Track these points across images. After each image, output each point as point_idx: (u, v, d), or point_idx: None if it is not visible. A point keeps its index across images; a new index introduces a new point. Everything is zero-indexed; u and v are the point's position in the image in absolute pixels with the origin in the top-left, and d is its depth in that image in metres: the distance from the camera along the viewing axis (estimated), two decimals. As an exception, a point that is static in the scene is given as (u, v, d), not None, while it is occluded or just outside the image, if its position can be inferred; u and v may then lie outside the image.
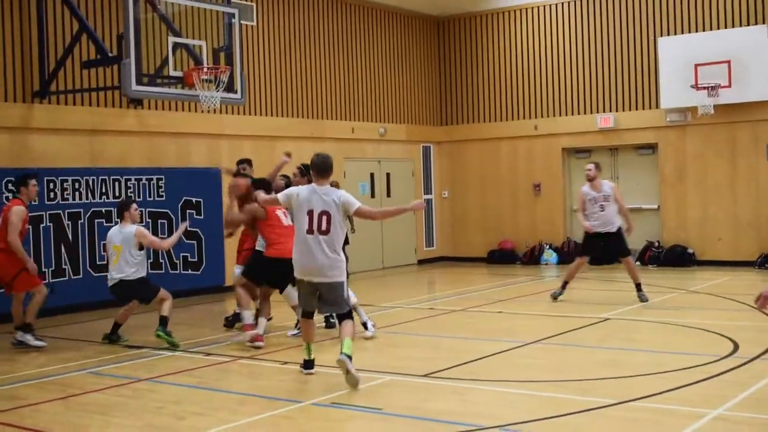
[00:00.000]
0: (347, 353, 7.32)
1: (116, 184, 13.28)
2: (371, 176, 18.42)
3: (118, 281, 9.71)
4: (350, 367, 7.27)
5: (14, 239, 9.69)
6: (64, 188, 12.63)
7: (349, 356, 7.31)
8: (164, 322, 9.66)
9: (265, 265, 9.62)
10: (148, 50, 11.46)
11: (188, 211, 14.08)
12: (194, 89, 11.52)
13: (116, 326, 10.05)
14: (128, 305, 10.03)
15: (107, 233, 10.10)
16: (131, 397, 7.41)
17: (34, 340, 9.85)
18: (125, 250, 9.67)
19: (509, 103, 19.32)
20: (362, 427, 6.43)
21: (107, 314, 11.14)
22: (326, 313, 9.24)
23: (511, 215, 19.25)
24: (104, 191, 13.12)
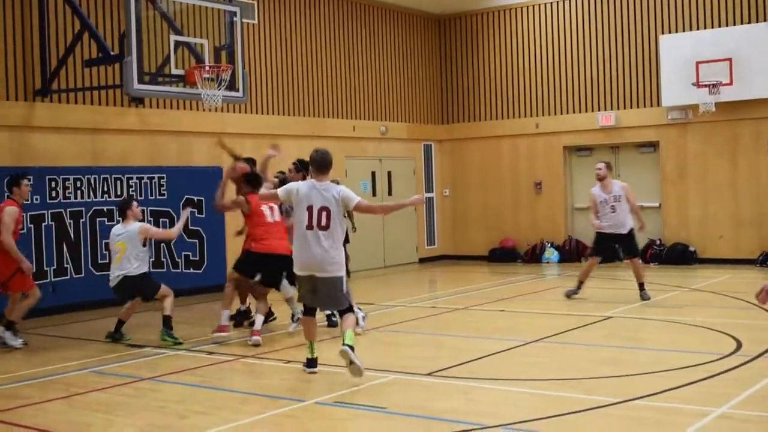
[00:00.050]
0: (349, 344, 7.43)
1: (118, 182, 13.28)
2: (372, 175, 18.41)
3: (121, 277, 9.72)
4: (353, 357, 7.36)
5: (8, 240, 9.65)
6: (65, 187, 12.63)
7: (351, 347, 7.41)
8: (168, 323, 9.72)
9: (253, 260, 9.90)
10: (149, 49, 11.43)
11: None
12: (196, 88, 11.49)
13: (120, 324, 10.06)
14: (131, 303, 10.05)
15: (110, 231, 10.12)
16: (134, 396, 7.40)
17: (12, 338, 9.82)
18: (130, 247, 9.72)
19: (510, 101, 19.30)
20: (366, 426, 6.42)
21: (109, 313, 11.15)
22: (326, 309, 9.25)
23: (512, 213, 19.24)
24: (106, 190, 13.11)
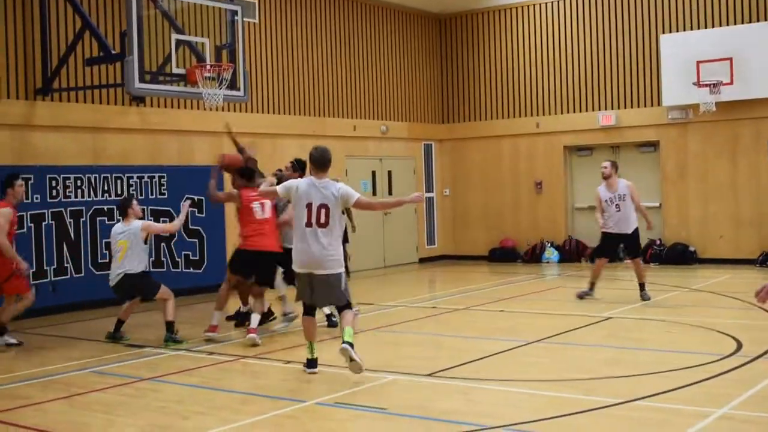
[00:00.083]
0: (349, 341, 7.46)
1: (118, 181, 13.26)
2: (373, 174, 18.40)
3: (122, 275, 9.71)
4: (353, 354, 7.40)
5: (3, 241, 9.60)
6: (66, 186, 12.61)
7: (351, 344, 7.44)
8: (171, 328, 9.74)
9: (242, 258, 9.97)
10: (150, 47, 11.42)
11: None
12: (197, 87, 11.49)
13: (119, 323, 10.07)
14: (129, 303, 10.05)
15: (111, 231, 10.11)
16: (134, 396, 7.40)
17: (9, 338, 9.83)
18: (132, 245, 9.71)
19: (511, 100, 19.30)
20: (366, 426, 6.41)
21: (109, 313, 11.15)
22: (324, 306, 9.24)
23: (512, 213, 19.24)
24: (106, 189, 13.10)
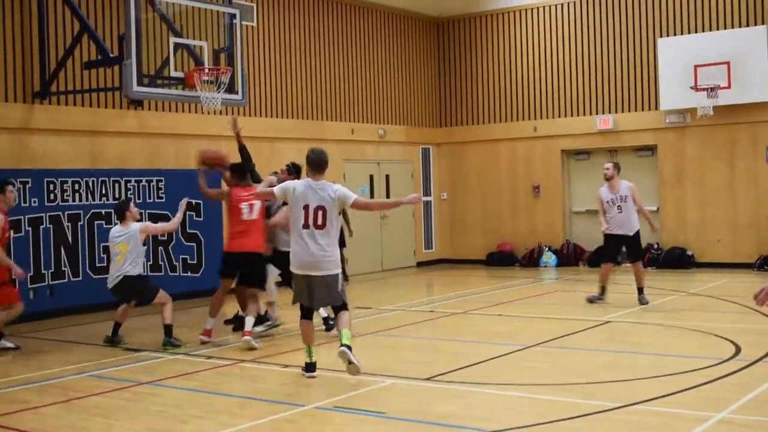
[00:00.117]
0: (347, 344, 7.49)
1: (116, 185, 13.25)
2: (371, 178, 18.39)
3: (121, 277, 9.69)
4: (351, 357, 7.43)
5: None
6: (63, 189, 12.59)
7: (348, 347, 7.47)
8: (169, 332, 9.72)
9: (226, 261, 10.04)
10: (148, 51, 11.42)
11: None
12: (195, 90, 11.48)
13: (117, 326, 10.06)
14: (125, 306, 10.04)
15: (108, 234, 10.09)
16: (132, 400, 7.39)
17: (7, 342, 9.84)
18: (130, 247, 9.69)
19: (508, 104, 19.31)
20: (365, 430, 6.40)
21: (107, 316, 11.12)
22: (321, 307, 9.23)
23: (510, 217, 19.24)
24: (104, 192, 13.08)
